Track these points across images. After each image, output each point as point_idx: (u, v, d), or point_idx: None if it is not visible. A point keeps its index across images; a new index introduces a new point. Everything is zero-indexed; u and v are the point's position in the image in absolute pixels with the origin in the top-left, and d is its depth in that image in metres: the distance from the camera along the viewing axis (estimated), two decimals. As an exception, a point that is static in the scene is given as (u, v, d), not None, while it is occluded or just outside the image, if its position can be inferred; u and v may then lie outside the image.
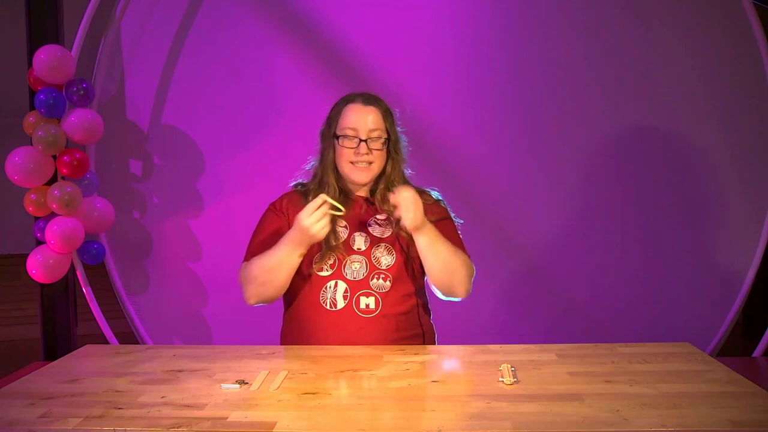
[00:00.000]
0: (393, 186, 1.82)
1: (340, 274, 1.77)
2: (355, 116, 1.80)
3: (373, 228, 1.82)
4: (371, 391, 1.39)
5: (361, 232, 1.81)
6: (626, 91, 2.97)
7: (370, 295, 1.76)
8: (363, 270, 1.77)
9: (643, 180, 3.00)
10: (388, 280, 1.77)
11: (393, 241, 1.80)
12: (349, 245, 1.79)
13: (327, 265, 1.77)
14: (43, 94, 2.68)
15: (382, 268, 1.77)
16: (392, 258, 1.78)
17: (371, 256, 1.78)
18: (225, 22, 3.01)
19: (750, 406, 1.25)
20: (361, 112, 1.81)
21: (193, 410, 1.28)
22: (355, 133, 1.79)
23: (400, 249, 1.79)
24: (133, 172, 3.10)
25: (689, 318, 2.98)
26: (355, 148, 1.79)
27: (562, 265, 3.05)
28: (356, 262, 1.77)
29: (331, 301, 1.76)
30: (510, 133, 3.02)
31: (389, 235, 1.81)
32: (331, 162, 1.84)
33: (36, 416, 1.26)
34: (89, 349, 1.78)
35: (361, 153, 1.78)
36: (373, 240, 1.80)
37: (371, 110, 1.81)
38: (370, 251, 1.78)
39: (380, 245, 1.79)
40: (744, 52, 2.90)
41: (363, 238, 1.80)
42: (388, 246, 1.79)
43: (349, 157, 1.80)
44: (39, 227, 2.79)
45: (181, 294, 3.10)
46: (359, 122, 1.79)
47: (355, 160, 1.80)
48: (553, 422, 1.19)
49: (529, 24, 3.00)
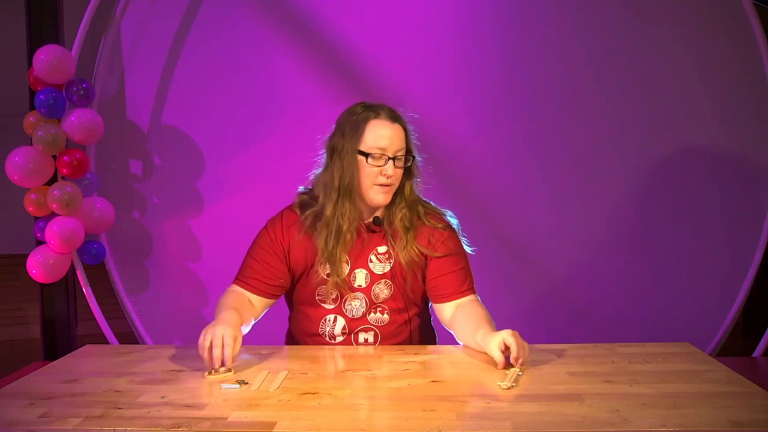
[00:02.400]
0: (407, 204, 1.74)
1: (340, 310, 1.76)
2: (383, 133, 1.68)
3: (374, 264, 1.77)
4: (371, 391, 1.39)
5: (362, 268, 1.77)
6: (626, 91, 2.97)
7: (369, 330, 1.77)
8: (362, 308, 1.76)
9: (643, 180, 3.00)
10: (385, 312, 1.77)
11: (391, 276, 1.77)
12: (350, 282, 1.76)
13: (330, 299, 1.76)
14: (43, 94, 2.68)
15: (380, 301, 1.77)
16: (389, 291, 1.77)
17: (371, 293, 1.77)
18: (225, 22, 3.01)
19: (750, 406, 1.25)
20: (389, 129, 1.69)
21: (193, 410, 1.28)
22: (383, 152, 1.67)
23: (396, 283, 1.77)
24: (133, 172, 3.10)
25: (689, 318, 2.97)
26: (382, 167, 1.68)
27: (562, 265, 3.05)
28: (356, 299, 1.76)
29: (330, 334, 1.77)
30: (510, 133, 3.02)
31: (388, 271, 1.77)
32: (356, 181, 1.70)
33: (36, 416, 1.26)
34: (89, 349, 1.78)
35: (388, 174, 1.68)
36: (373, 278, 1.77)
37: (397, 128, 1.71)
38: (371, 288, 1.77)
39: (380, 282, 1.77)
40: (744, 52, 2.90)
41: (364, 275, 1.77)
42: (387, 281, 1.77)
43: (374, 177, 1.68)
44: (39, 227, 2.79)
45: (181, 294, 3.10)
46: (389, 140, 1.68)
47: (381, 182, 1.69)
48: (553, 422, 1.19)
49: (530, 24, 3.00)
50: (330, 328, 1.76)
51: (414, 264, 1.75)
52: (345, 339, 1.77)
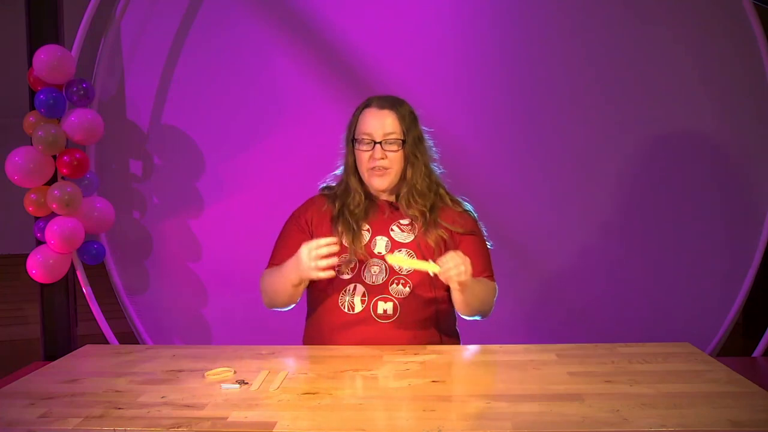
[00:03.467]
0: (416, 190, 1.80)
1: (359, 277, 1.76)
2: (370, 120, 1.79)
3: (395, 233, 1.80)
4: (371, 391, 1.39)
5: (383, 236, 1.79)
6: (626, 91, 2.97)
7: (388, 300, 1.75)
8: (382, 275, 1.76)
9: (643, 180, 3.00)
10: (407, 286, 1.75)
11: (415, 247, 1.78)
12: (370, 248, 1.78)
13: (348, 269, 1.77)
14: (43, 94, 2.68)
15: (403, 273, 1.76)
16: None
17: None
18: (225, 22, 3.01)
19: (750, 406, 1.25)
20: (376, 116, 1.79)
21: (193, 410, 1.28)
22: (369, 137, 1.78)
23: (422, 255, 1.76)
24: (133, 172, 3.10)
25: (689, 318, 2.97)
26: (371, 151, 1.77)
27: (562, 265, 3.05)
28: (375, 266, 1.76)
29: (349, 304, 1.75)
30: (510, 133, 3.02)
31: (411, 241, 1.79)
32: (351, 167, 1.84)
33: (36, 416, 1.26)
34: (89, 349, 1.78)
35: (377, 157, 1.76)
36: (394, 244, 1.78)
37: (387, 113, 1.79)
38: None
39: (402, 250, 1.77)
40: (744, 52, 2.90)
41: (384, 242, 1.79)
42: (410, 251, 1.77)
43: (366, 162, 1.79)
44: (39, 227, 2.79)
45: (181, 294, 3.10)
46: (373, 126, 1.78)
47: (371, 165, 1.78)
48: (553, 422, 1.19)
49: (530, 24, 3.00)
50: (349, 297, 1.75)
51: (440, 241, 1.78)
52: (364, 309, 1.74)
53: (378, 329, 1.72)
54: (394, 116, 1.80)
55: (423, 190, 1.81)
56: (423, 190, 1.81)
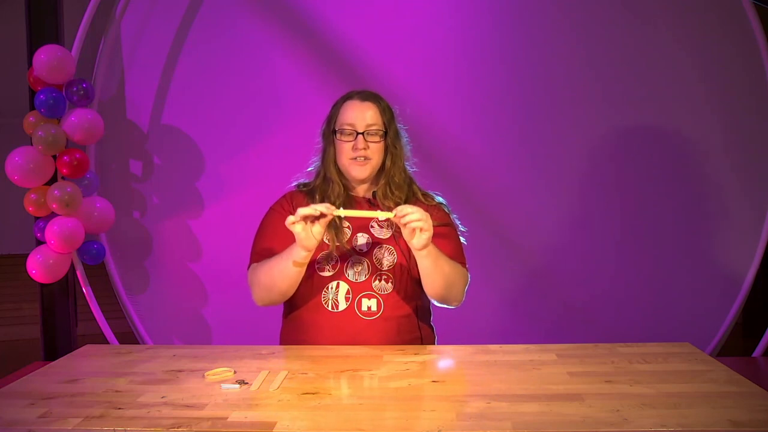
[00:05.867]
0: (394, 183, 1.83)
1: (342, 275, 1.76)
2: (352, 112, 1.82)
3: (375, 229, 1.81)
4: (371, 391, 1.39)
5: (363, 233, 1.81)
6: (626, 91, 2.97)
7: (372, 297, 1.76)
8: (365, 272, 1.77)
9: (643, 180, 3.00)
10: (390, 281, 1.77)
11: (394, 243, 1.80)
12: (351, 245, 1.79)
13: (329, 266, 1.77)
14: (43, 94, 2.68)
15: (384, 269, 1.77)
16: (393, 259, 1.78)
17: (373, 258, 1.78)
18: (225, 22, 3.01)
19: (750, 406, 1.25)
20: (359, 108, 1.82)
21: (193, 410, 1.28)
22: (352, 128, 1.80)
23: (401, 251, 1.78)
24: (133, 172, 3.10)
25: (689, 318, 2.98)
26: (353, 142, 1.80)
27: (562, 265, 3.05)
28: (358, 263, 1.77)
29: (333, 302, 1.76)
30: (510, 134, 3.02)
31: (390, 237, 1.80)
32: (332, 158, 1.85)
33: (36, 416, 1.26)
34: (89, 349, 1.78)
35: (359, 147, 1.79)
36: (375, 241, 1.80)
37: (369, 106, 1.83)
38: (372, 252, 1.78)
39: (381, 246, 1.79)
40: (744, 52, 2.90)
41: (365, 239, 1.80)
42: (389, 247, 1.79)
43: (348, 152, 1.80)
44: (39, 227, 2.79)
45: (181, 294, 3.10)
46: (356, 117, 1.81)
47: (354, 155, 1.80)
48: (553, 422, 1.19)
49: (530, 24, 3.00)
50: (333, 294, 1.76)
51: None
52: (348, 307, 1.75)
53: (362, 326, 1.73)
54: (376, 109, 1.83)
55: (400, 183, 1.85)
56: (400, 183, 1.85)
